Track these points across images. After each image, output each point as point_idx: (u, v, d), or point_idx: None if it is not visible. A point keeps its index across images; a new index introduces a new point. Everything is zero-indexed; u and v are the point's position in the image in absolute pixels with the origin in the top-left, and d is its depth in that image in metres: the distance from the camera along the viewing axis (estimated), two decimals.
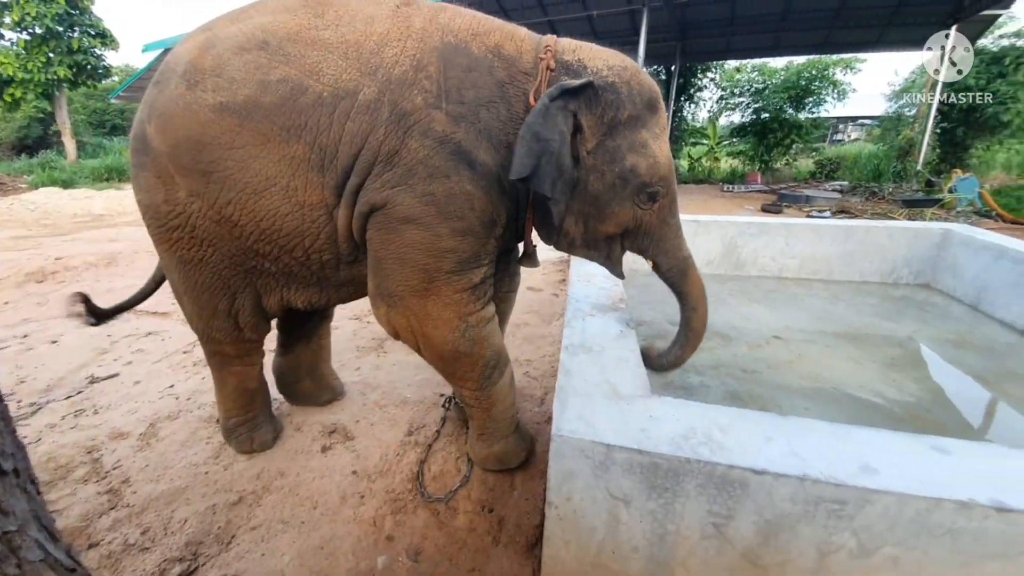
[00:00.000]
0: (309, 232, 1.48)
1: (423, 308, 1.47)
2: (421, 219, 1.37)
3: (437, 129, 1.35)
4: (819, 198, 9.69)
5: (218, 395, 1.98)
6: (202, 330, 1.79)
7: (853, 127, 25.27)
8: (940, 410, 2.23)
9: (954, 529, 1.00)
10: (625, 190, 1.49)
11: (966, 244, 3.50)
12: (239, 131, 1.37)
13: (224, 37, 1.41)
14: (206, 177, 1.43)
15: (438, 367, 1.62)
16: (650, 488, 1.17)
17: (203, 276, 1.64)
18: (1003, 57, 11.46)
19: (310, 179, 1.40)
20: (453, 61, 1.38)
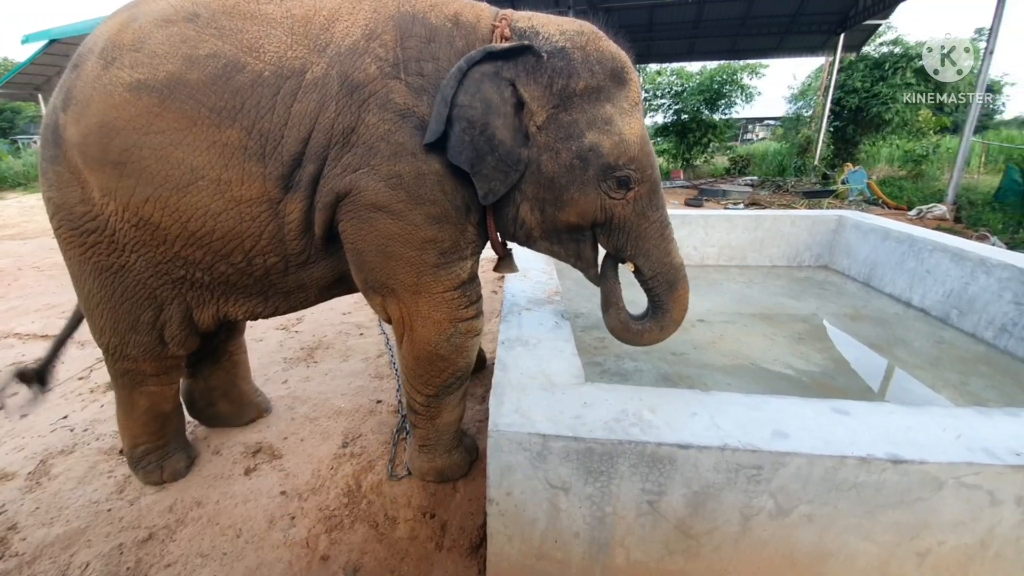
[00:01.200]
0: (249, 233, 1.30)
1: (415, 305, 1.39)
2: (391, 206, 1.24)
3: (397, 101, 1.22)
4: (734, 192, 10.47)
5: (124, 420, 1.74)
6: (114, 345, 1.56)
7: (760, 127, 27.58)
8: (842, 376, 2.47)
9: (858, 483, 1.10)
10: (586, 173, 1.32)
11: (857, 228, 3.91)
12: (159, 113, 1.19)
13: (147, 11, 1.25)
14: (118, 170, 1.23)
15: (409, 365, 1.52)
16: (587, 473, 1.18)
17: (123, 286, 1.43)
18: (884, 62, 13.02)
19: (247, 170, 1.23)
20: (411, 31, 1.26)
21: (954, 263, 3.01)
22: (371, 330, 3.21)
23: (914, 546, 1.15)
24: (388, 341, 2.98)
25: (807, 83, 16.39)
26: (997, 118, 20.47)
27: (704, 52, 15.50)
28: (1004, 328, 2.69)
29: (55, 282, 4.60)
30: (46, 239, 6.73)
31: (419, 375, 1.53)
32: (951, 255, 3.03)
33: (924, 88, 12.81)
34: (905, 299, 3.35)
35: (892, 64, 12.92)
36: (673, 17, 13.12)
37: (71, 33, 11.92)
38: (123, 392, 1.69)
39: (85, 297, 1.52)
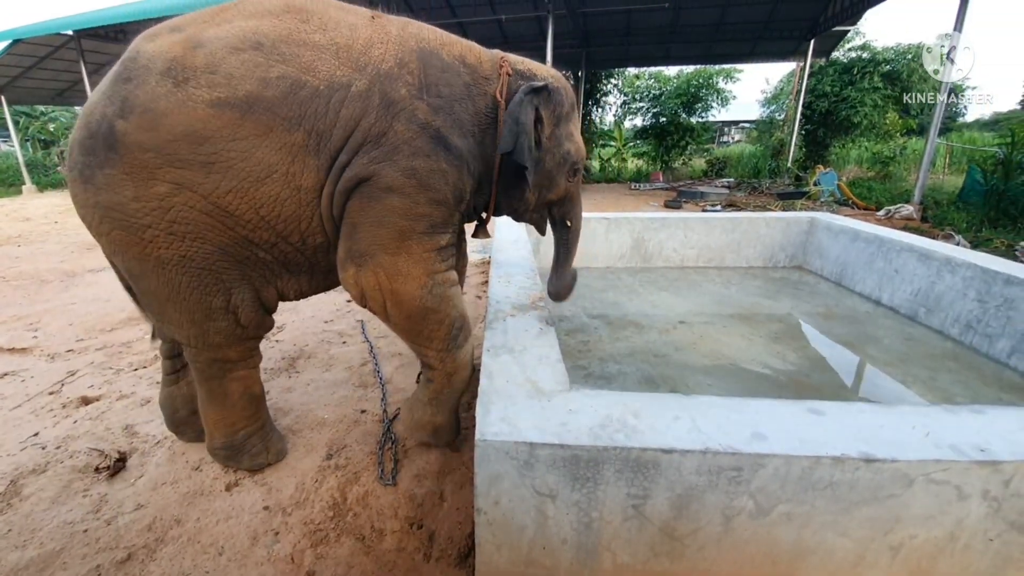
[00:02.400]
0: (304, 216, 1.55)
1: (393, 264, 1.58)
2: (403, 189, 1.54)
3: (420, 116, 1.55)
4: (711, 194, 10.68)
5: (218, 411, 1.79)
6: (196, 336, 1.65)
7: (736, 130, 28.17)
8: (817, 374, 2.55)
9: (833, 482, 1.14)
10: (564, 167, 1.91)
11: (828, 229, 4.04)
12: (241, 124, 1.43)
13: (212, 38, 1.46)
14: (206, 168, 1.44)
15: (405, 328, 1.70)
16: (573, 480, 1.19)
17: (188, 275, 1.55)
18: (852, 67, 13.47)
19: (307, 163, 1.50)
20: (430, 62, 1.62)
21: (921, 263, 3.13)
22: (354, 338, 3.18)
23: (888, 540, 1.20)
24: (372, 349, 2.95)
25: (779, 87, 16.82)
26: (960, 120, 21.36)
27: (680, 57, 15.80)
28: (969, 325, 2.81)
29: (22, 293, 4.44)
30: (10, 248, 6.49)
31: (418, 331, 1.70)
32: (918, 255, 3.16)
33: (891, 92, 13.32)
34: (875, 298, 3.47)
35: (860, 69, 13.38)
36: (650, 23, 13.34)
37: (35, 33, 11.53)
38: (214, 383, 1.75)
39: (151, 296, 1.60)
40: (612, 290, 3.96)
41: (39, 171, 15.76)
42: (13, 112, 15.48)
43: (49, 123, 20.29)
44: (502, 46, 1.84)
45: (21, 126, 19.08)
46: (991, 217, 7.06)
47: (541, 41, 10.53)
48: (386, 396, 2.33)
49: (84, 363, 2.97)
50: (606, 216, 4.53)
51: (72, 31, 11.48)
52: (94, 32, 11.65)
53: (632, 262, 4.56)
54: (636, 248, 4.54)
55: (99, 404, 2.47)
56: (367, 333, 3.22)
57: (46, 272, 5.19)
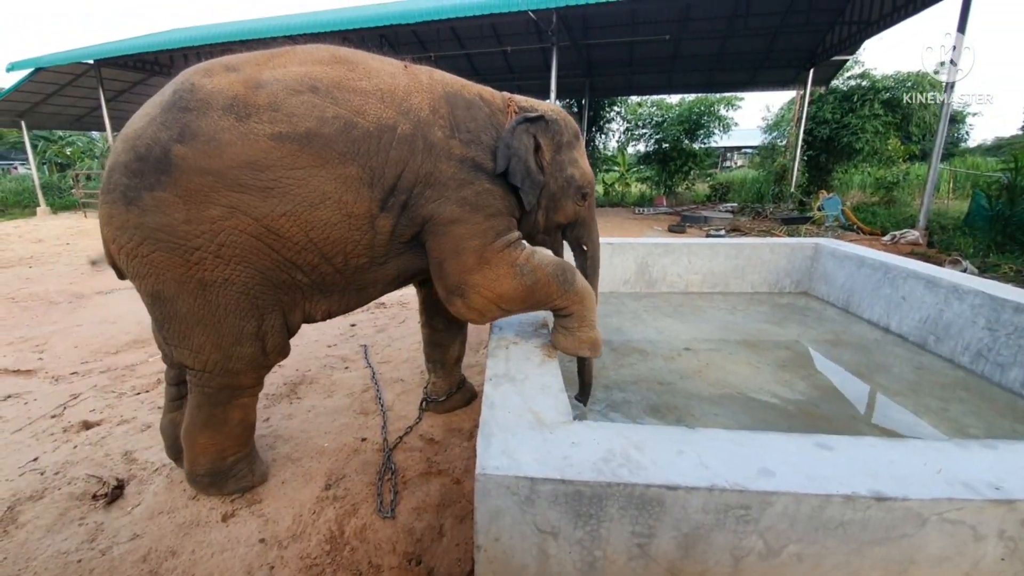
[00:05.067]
0: (351, 239, 1.69)
1: (485, 277, 1.78)
2: (461, 217, 1.76)
3: (456, 152, 1.78)
4: (715, 218, 10.73)
5: (210, 435, 1.80)
6: (216, 362, 1.68)
7: (738, 155, 28.52)
8: (826, 404, 2.50)
9: (844, 521, 1.11)
10: (569, 191, 2.09)
11: (833, 255, 4.03)
12: (299, 155, 1.57)
13: (271, 80, 1.61)
14: (264, 193, 1.55)
15: (527, 307, 1.91)
16: (576, 517, 1.17)
17: (227, 298, 1.61)
18: (852, 95, 13.66)
19: (360, 193, 1.64)
20: (456, 103, 1.84)
21: (928, 290, 3.11)
22: (356, 363, 3.16)
23: None
24: (374, 375, 2.94)
25: (780, 114, 17.06)
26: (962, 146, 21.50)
27: (682, 85, 16.11)
28: (980, 354, 2.77)
29: (30, 314, 4.48)
30: (22, 269, 6.58)
31: (536, 302, 1.90)
32: (925, 282, 3.13)
33: (891, 118, 13.47)
34: (883, 325, 3.43)
35: (860, 96, 13.57)
36: (651, 53, 13.67)
37: (58, 62, 12.00)
38: (216, 409, 1.77)
39: (179, 318, 1.63)
40: (616, 316, 3.95)
41: (54, 193, 16.13)
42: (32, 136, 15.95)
43: (66, 147, 20.86)
44: (508, 76, 2.17)
45: (39, 150, 19.63)
46: (998, 242, 7.03)
47: (545, 71, 10.79)
48: (387, 424, 2.30)
49: (87, 386, 2.97)
50: (610, 241, 4.54)
51: (92, 60, 11.93)
52: (112, 61, 12.09)
53: (636, 287, 4.55)
54: (640, 273, 4.54)
55: (100, 429, 2.46)
56: (370, 359, 3.21)
57: (55, 293, 5.25)
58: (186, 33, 11.69)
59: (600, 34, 12.58)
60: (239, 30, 10.65)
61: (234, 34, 10.41)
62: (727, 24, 12.02)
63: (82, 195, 13.60)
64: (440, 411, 2.48)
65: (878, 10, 9.84)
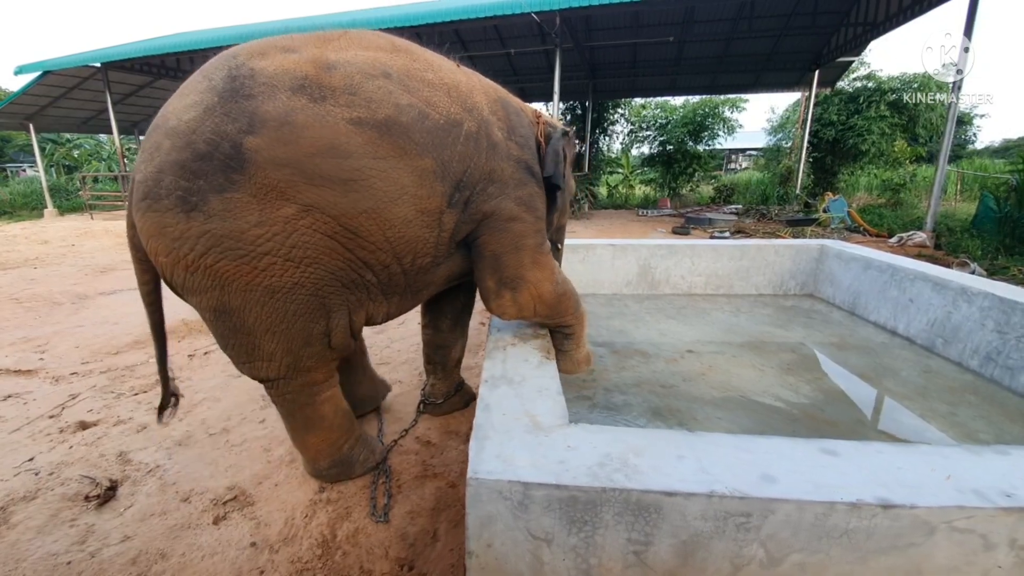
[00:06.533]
0: (422, 237, 1.64)
1: (536, 277, 1.92)
2: (520, 216, 1.84)
3: (515, 154, 1.85)
4: (719, 220, 10.65)
5: (319, 435, 1.82)
6: (290, 365, 1.65)
7: (743, 157, 28.37)
8: (831, 408, 2.45)
9: (849, 530, 1.06)
10: (568, 198, 2.38)
11: (839, 257, 3.97)
12: (380, 143, 1.48)
13: (342, 61, 1.49)
14: (346, 185, 1.44)
15: (548, 315, 2.05)
16: (570, 523, 1.13)
17: (296, 302, 1.53)
18: (858, 96, 13.55)
19: (434, 188, 1.60)
20: (509, 109, 1.92)
21: (936, 292, 3.05)
22: None
23: None
24: None
25: (785, 116, 16.97)
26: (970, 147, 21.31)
27: (685, 87, 16.07)
28: (989, 357, 2.71)
29: (33, 315, 4.49)
30: (27, 269, 6.61)
31: (559, 311, 2.08)
32: (932, 284, 3.08)
33: (898, 120, 13.35)
34: (890, 327, 3.37)
35: (866, 98, 13.46)
36: (655, 55, 13.63)
37: (65, 65, 12.10)
38: (308, 410, 1.77)
39: (248, 330, 1.53)
40: (618, 318, 3.90)
41: (61, 196, 16.25)
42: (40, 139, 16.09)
43: (74, 150, 21.06)
44: (512, 78, 2.26)
45: (47, 152, 19.82)
46: (1006, 245, 6.93)
47: (549, 73, 10.81)
48: (383, 426, 2.27)
49: (86, 387, 2.96)
50: (612, 243, 4.50)
51: (100, 63, 12.03)
52: (119, 64, 12.19)
53: (639, 289, 4.51)
54: (643, 275, 4.49)
55: (96, 429, 2.45)
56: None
57: (59, 294, 5.26)
58: (193, 36, 11.78)
59: (603, 36, 12.56)
60: (243, 33, 10.72)
61: (238, 36, 10.48)
62: (731, 26, 11.98)
63: (89, 197, 13.70)
64: (437, 414, 2.45)
65: (884, 11, 9.76)
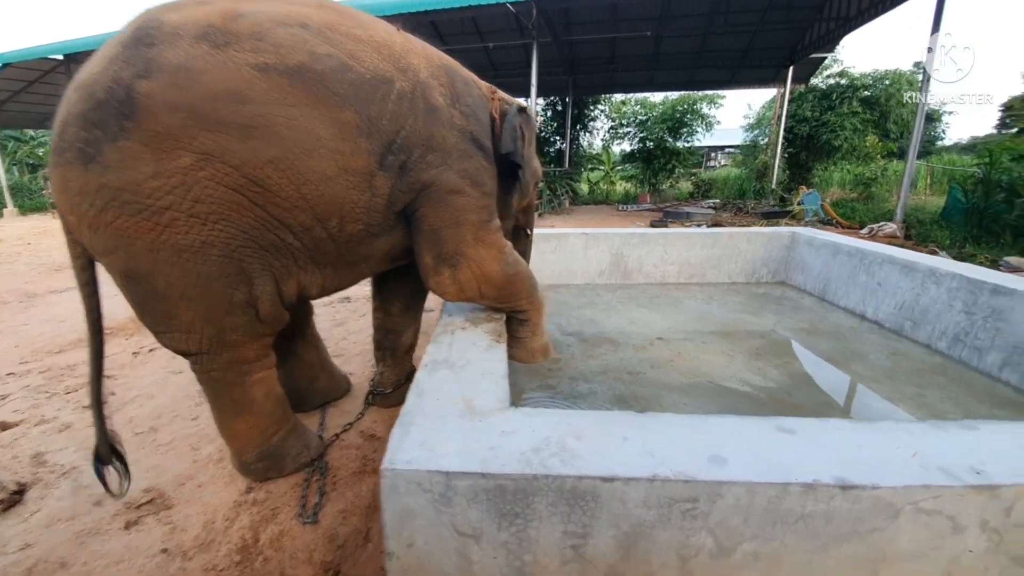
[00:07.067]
0: (348, 199, 1.52)
1: (478, 254, 1.79)
2: (462, 189, 1.72)
3: (459, 124, 1.74)
4: (697, 214, 10.68)
5: (245, 420, 1.66)
6: (213, 336, 1.51)
7: (722, 155, 28.71)
8: (799, 392, 2.37)
9: (805, 514, 0.96)
10: (533, 180, 2.30)
11: (809, 244, 3.93)
12: (290, 90, 1.37)
13: (253, 11, 1.41)
14: (246, 132, 1.33)
15: (499, 297, 1.93)
16: (500, 516, 1.00)
17: (209, 263, 1.39)
18: (831, 93, 13.78)
19: (358, 144, 1.48)
20: (455, 76, 1.81)
21: (904, 275, 3.01)
22: None
23: None
24: None
25: (761, 113, 17.17)
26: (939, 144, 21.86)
27: (664, 83, 16.12)
28: (957, 338, 2.67)
29: None
30: None
31: (510, 294, 1.95)
32: (900, 267, 3.04)
33: (869, 116, 13.59)
34: (860, 312, 3.33)
35: (839, 94, 13.69)
36: (633, 50, 13.63)
37: (25, 57, 11.56)
38: (236, 391, 1.62)
39: (162, 296, 1.41)
40: (590, 307, 3.80)
41: (23, 195, 15.56)
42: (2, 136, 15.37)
43: (38, 147, 20.19)
44: (490, 72, 2.23)
45: (9, 150, 18.97)
46: (973, 234, 7.05)
47: (527, 68, 10.65)
48: (325, 420, 2.12)
49: (20, 387, 2.75)
50: (585, 232, 4.40)
51: (62, 55, 11.51)
52: (83, 56, 11.68)
53: (612, 279, 4.42)
54: (615, 264, 4.40)
55: (16, 430, 2.24)
56: None
57: (7, 293, 5.00)
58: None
59: (582, 30, 12.49)
60: None
61: None
62: (707, 21, 12.02)
63: (50, 196, 13.12)
64: (386, 405, 2.29)
65: (856, 6, 9.89)
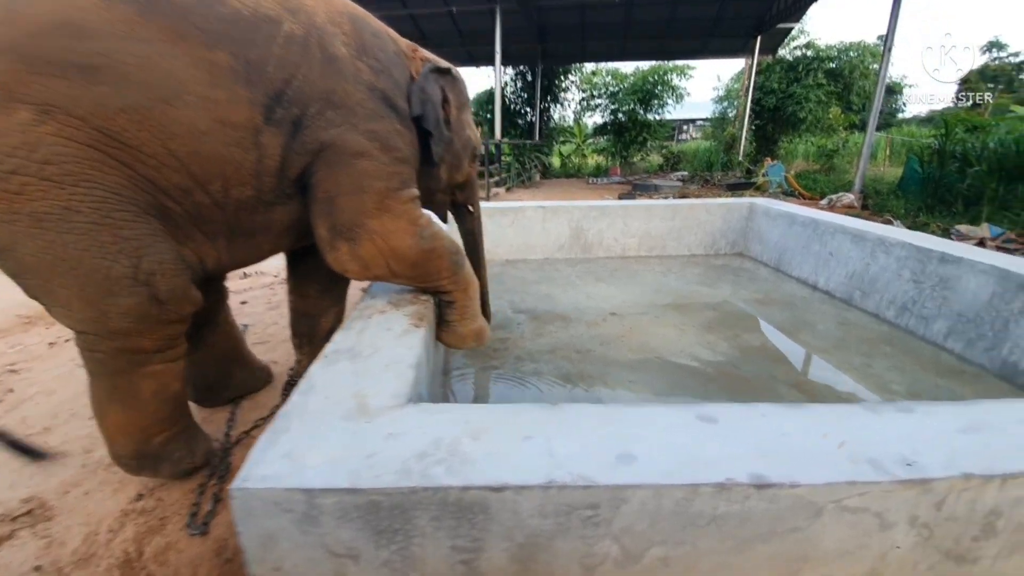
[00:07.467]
0: (231, 159, 1.31)
1: (383, 226, 1.54)
2: (370, 152, 1.51)
3: (366, 79, 1.53)
4: (665, 187, 10.64)
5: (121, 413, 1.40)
6: (95, 319, 1.25)
7: (694, 128, 28.75)
8: (747, 365, 2.31)
9: (717, 516, 0.85)
10: (467, 151, 2.06)
11: (766, 214, 3.87)
12: (141, 23, 1.14)
13: None
14: (88, 75, 1.10)
15: (413, 276, 1.70)
16: (377, 534, 0.86)
17: (76, 231, 1.15)
18: (797, 65, 13.79)
19: (236, 93, 1.26)
20: (363, 26, 1.59)
21: (855, 244, 2.98)
22: None
23: None
24: None
25: (730, 85, 17.11)
26: (899, 116, 22.33)
27: (635, 52, 15.81)
28: (904, 307, 2.66)
29: None
30: None
31: (426, 273, 1.72)
32: (851, 236, 3.00)
33: (833, 88, 13.70)
34: (812, 282, 3.31)
35: (805, 66, 13.73)
36: (603, 18, 13.23)
37: None
38: (117, 379, 1.36)
39: (31, 269, 1.19)
40: (547, 283, 3.67)
41: None
42: None
43: None
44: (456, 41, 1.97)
45: None
46: (928, 204, 7.21)
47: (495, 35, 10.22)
48: (235, 416, 1.93)
49: None
50: (542, 205, 4.24)
51: None
52: None
53: (571, 253, 4.30)
54: (575, 238, 4.27)
55: None
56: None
57: None
58: None
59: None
60: None
61: None
62: None
63: None
64: None
65: None
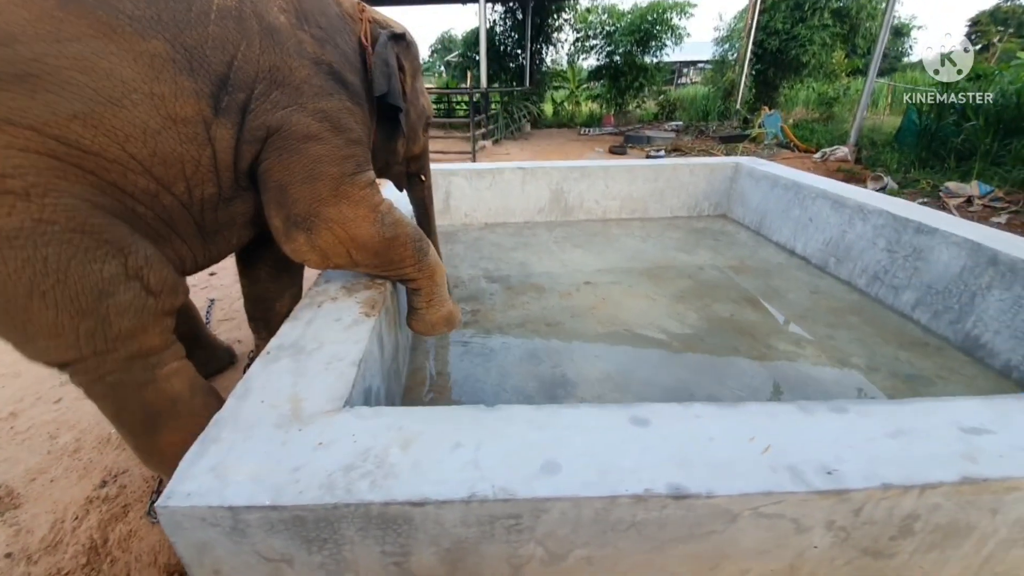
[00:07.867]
0: (189, 156, 1.26)
1: (340, 214, 1.48)
2: (320, 135, 1.42)
3: (310, 51, 1.41)
4: (658, 138, 10.30)
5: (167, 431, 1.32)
6: (93, 331, 1.16)
7: (694, 71, 27.47)
8: (712, 337, 2.34)
9: (636, 522, 0.88)
10: (421, 122, 1.98)
11: (750, 175, 3.78)
12: (64, 18, 1.04)
13: None
14: (28, 84, 1.02)
15: (376, 264, 1.65)
16: (306, 542, 0.88)
17: (55, 242, 1.09)
18: (803, 3, 12.97)
19: (180, 84, 1.19)
20: None
21: (834, 210, 2.93)
22: None
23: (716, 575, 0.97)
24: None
25: (733, 24, 16.18)
26: (905, 60, 21.43)
27: None
28: (876, 276, 2.66)
29: None
30: None
31: (389, 261, 1.65)
32: (831, 202, 2.94)
33: (839, 30, 12.99)
34: (790, 248, 3.29)
35: (811, 5, 12.93)
36: None
37: None
38: (146, 392, 1.29)
39: (6, 296, 1.08)
40: (523, 248, 3.62)
41: None
42: None
43: None
44: None
45: None
46: (922, 158, 7.05)
47: None
48: None
49: None
50: (522, 166, 4.10)
51: None
52: None
53: (552, 216, 4.21)
54: (555, 200, 4.18)
55: None
56: (211, 316, 2.78)
57: None
58: None
59: None
60: None
61: None
62: None
63: None
64: None
65: None
